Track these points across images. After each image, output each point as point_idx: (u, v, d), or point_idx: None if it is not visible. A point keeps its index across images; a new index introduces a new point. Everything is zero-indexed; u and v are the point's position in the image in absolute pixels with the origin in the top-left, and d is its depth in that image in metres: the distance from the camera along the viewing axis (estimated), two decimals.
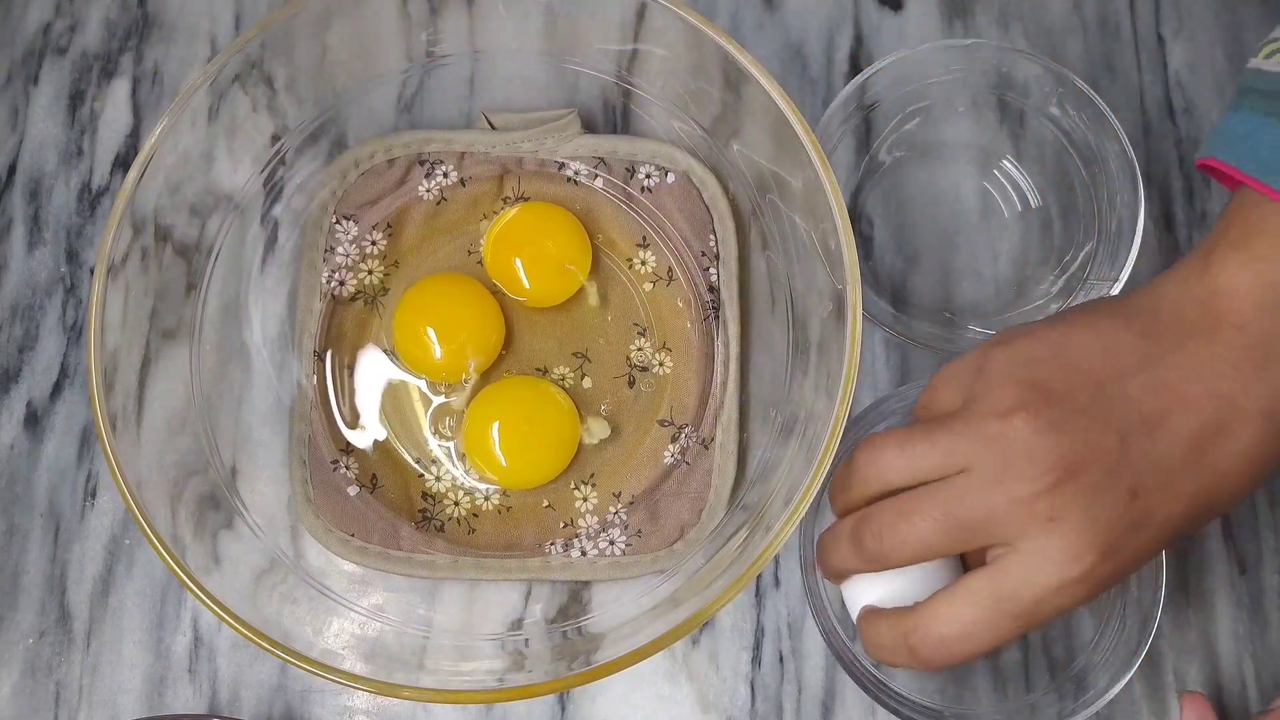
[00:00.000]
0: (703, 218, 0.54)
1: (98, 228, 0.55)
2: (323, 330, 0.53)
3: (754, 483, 0.50)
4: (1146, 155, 0.56)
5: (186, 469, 0.47)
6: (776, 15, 0.58)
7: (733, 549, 0.45)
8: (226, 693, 0.50)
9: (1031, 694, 0.49)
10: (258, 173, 0.51)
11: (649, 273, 0.54)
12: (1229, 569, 0.51)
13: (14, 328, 0.54)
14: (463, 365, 0.52)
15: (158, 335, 0.47)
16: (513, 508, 0.51)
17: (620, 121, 0.56)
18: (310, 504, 0.50)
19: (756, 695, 0.50)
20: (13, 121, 0.57)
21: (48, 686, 0.50)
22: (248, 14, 0.58)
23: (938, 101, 0.55)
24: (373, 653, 0.46)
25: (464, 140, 0.54)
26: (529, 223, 0.53)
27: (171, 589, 0.51)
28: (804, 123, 0.45)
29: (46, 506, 0.52)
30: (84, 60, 0.58)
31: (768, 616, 0.51)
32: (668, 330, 0.53)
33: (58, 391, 0.53)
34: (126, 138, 0.57)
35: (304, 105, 0.51)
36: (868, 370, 0.54)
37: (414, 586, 0.50)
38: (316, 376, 0.52)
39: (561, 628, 0.49)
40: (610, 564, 0.50)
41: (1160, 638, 0.50)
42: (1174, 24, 0.58)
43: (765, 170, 0.50)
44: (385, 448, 0.52)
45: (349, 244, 0.54)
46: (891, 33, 0.58)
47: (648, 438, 0.52)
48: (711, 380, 0.52)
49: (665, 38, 0.49)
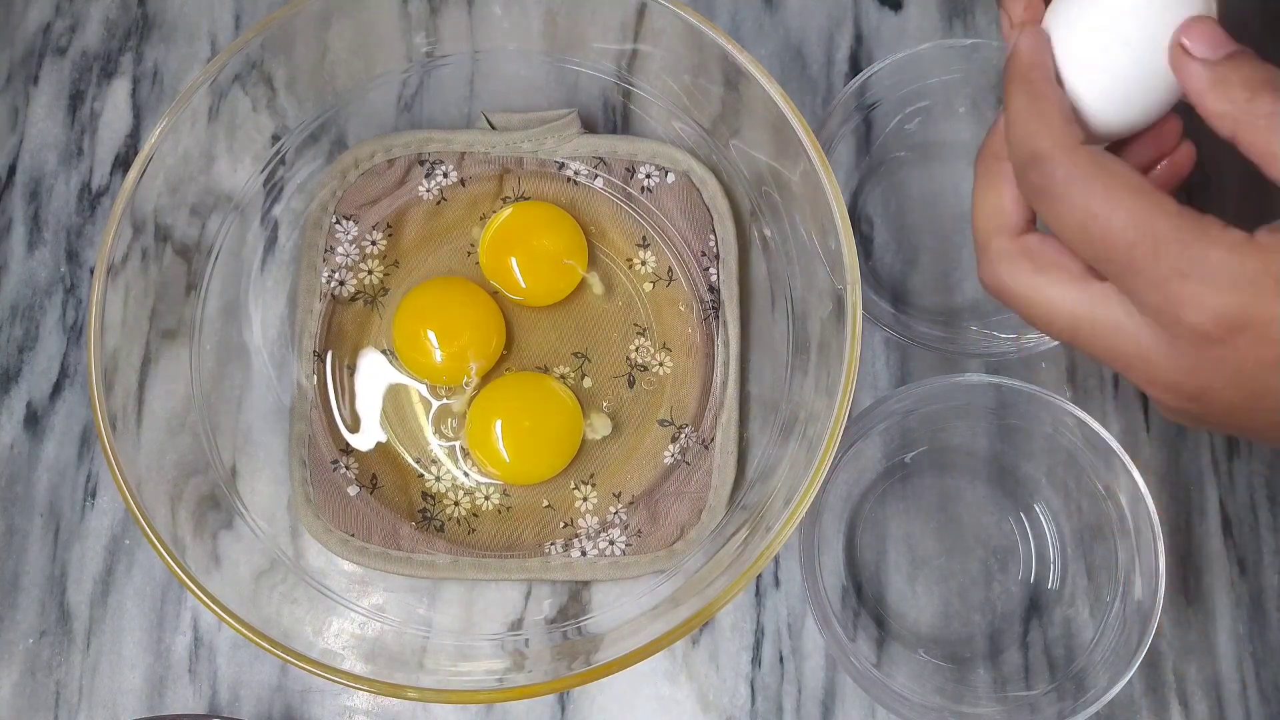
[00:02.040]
0: (703, 218, 0.54)
1: (98, 228, 0.55)
2: (323, 330, 0.53)
3: (754, 483, 0.50)
4: None
5: (186, 469, 0.47)
6: (776, 15, 0.58)
7: (733, 549, 0.45)
8: (226, 693, 0.50)
9: (1031, 694, 0.49)
10: (258, 173, 0.51)
11: (649, 273, 0.54)
12: (1229, 569, 0.51)
13: (14, 328, 0.54)
14: (464, 369, 0.52)
15: (158, 335, 0.47)
16: (513, 508, 0.51)
17: (620, 121, 0.56)
18: (310, 504, 0.50)
19: (756, 695, 0.50)
20: (13, 121, 0.57)
21: (48, 686, 0.50)
22: (248, 14, 0.58)
23: (938, 101, 0.55)
24: (373, 653, 0.46)
25: (464, 140, 0.54)
26: (522, 222, 0.53)
27: (171, 589, 0.51)
28: (804, 123, 0.45)
29: (46, 506, 0.52)
30: (84, 60, 0.58)
31: (768, 616, 0.51)
32: (668, 330, 0.53)
33: (58, 391, 0.53)
34: (126, 138, 0.57)
35: (304, 105, 0.51)
36: (868, 370, 0.54)
37: (414, 586, 0.50)
38: (316, 376, 0.52)
39: (561, 628, 0.49)
40: (610, 564, 0.50)
41: (1160, 638, 0.50)
42: None
43: (765, 170, 0.50)
44: (385, 448, 0.52)
45: (349, 244, 0.54)
46: (891, 33, 0.58)
47: (648, 438, 0.52)
48: (711, 380, 0.52)
49: (665, 38, 0.49)
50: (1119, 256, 0.31)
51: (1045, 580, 0.51)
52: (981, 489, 0.53)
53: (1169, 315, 0.30)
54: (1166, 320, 0.30)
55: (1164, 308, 0.30)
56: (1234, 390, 0.31)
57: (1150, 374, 0.32)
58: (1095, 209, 0.31)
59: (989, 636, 0.51)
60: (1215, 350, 0.30)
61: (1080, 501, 0.51)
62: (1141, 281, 0.30)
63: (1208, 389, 0.31)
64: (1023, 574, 0.52)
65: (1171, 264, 0.30)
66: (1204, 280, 0.29)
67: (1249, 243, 0.30)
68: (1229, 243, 0.30)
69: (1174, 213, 0.30)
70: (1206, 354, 0.30)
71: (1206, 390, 0.31)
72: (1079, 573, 0.51)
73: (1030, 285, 0.34)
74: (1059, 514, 0.52)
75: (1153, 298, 0.30)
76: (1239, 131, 0.31)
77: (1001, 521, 0.52)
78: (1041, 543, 0.52)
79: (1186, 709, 0.50)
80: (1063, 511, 0.52)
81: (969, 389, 0.49)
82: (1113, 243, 0.30)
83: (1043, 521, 0.52)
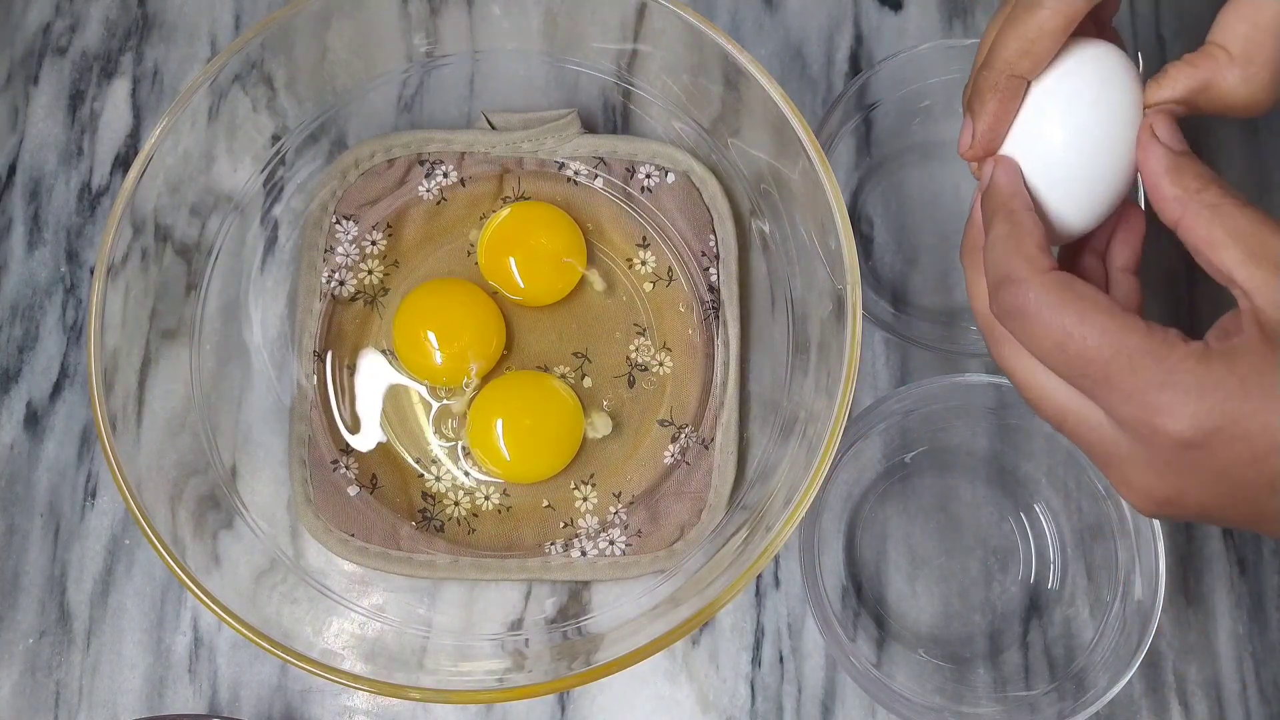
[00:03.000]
0: (703, 218, 0.54)
1: (98, 228, 0.55)
2: (323, 330, 0.53)
3: (754, 483, 0.50)
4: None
5: (186, 469, 0.47)
6: (776, 15, 0.58)
7: (733, 549, 0.45)
8: (226, 693, 0.50)
9: (1031, 694, 0.49)
10: (258, 173, 0.51)
11: (649, 273, 0.54)
12: (1229, 569, 0.51)
13: (14, 328, 0.54)
14: (464, 370, 0.52)
15: (158, 335, 0.47)
16: (513, 508, 0.51)
17: (620, 121, 0.56)
18: (310, 504, 0.50)
19: (756, 695, 0.50)
20: (13, 121, 0.57)
21: (48, 686, 0.50)
22: (248, 14, 0.58)
23: (938, 101, 0.54)
24: (373, 653, 0.46)
25: (464, 140, 0.54)
26: (519, 222, 0.53)
27: (171, 589, 0.51)
28: (804, 122, 0.45)
29: (46, 506, 0.52)
30: (84, 60, 0.58)
31: (768, 616, 0.51)
32: (668, 330, 0.53)
33: (58, 391, 0.53)
34: (126, 138, 0.57)
35: (304, 105, 0.51)
36: (868, 370, 0.54)
37: (414, 586, 0.50)
38: (316, 376, 0.52)
39: (561, 628, 0.49)
40: (610, 564, 0.50)
41: (1160, 638, 0.50)
42: (1174, 24, 0.58)
43: (765, 170, 0.50)
44: (385, 448, 0.52)
45: (349, 244, 0.54)
46: (891, 33, 0.58)
47: (648, 438, 0.52)
48: (711, 380, 0.52)
49: (665, 38, 0.49)
50: (1095, 372, 0.32)
51: (1045, 580, 0.51)
52: (981, 489, 0.53)
53: (1147, 425, 0.32)
54: (1144, 431, 0.32)
55: (1141, 417, 0.32)
56: (1209, 491, 0.33)
57: (1127, 478, 0.34)
58: (1070, 328, 0.33)
59: (989, 636, 0.51)
60: (1192, 455, 0.32)
61: (1080, 501, 0.51)
62: (1117, 395, 0.32)
63: (1184, 491, 0.33)
64: (1023, 574, 0.52)
65: (1147, 377, 0.32)
66: (1180, 389, 0.31)
67: (1209, 351, 0.32)
68: (1196, 354, 0.32)
69: (1144, 330, 0.33)
70: (1184, 459, 0.32)
71: (1183, 493, 0.33)
72: (1079, 573, 0.51)
73: (1027, 369, 0.36)
74: (1059, 514, 0.52)
75: (1130, 409, 0.32)
76: (1184, 217, 0.34)
77: (1001, 521, 0.52)
78: (1041, 543, 0.52)
79: (1186, 709, 0.50)
80: (1063, 511, 0.52)
81: (969, 389, 0.49)
82: (1089, 358, 0.32)
83: (1043, 521, 0.52)
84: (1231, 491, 0.32)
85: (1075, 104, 0.36)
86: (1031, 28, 0.35)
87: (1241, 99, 0.35)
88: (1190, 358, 0.32)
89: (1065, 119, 0.37)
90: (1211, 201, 0.33)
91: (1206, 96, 0.35)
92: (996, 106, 0.37)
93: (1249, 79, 0.34)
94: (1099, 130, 0.36)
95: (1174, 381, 0.31)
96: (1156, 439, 0.32)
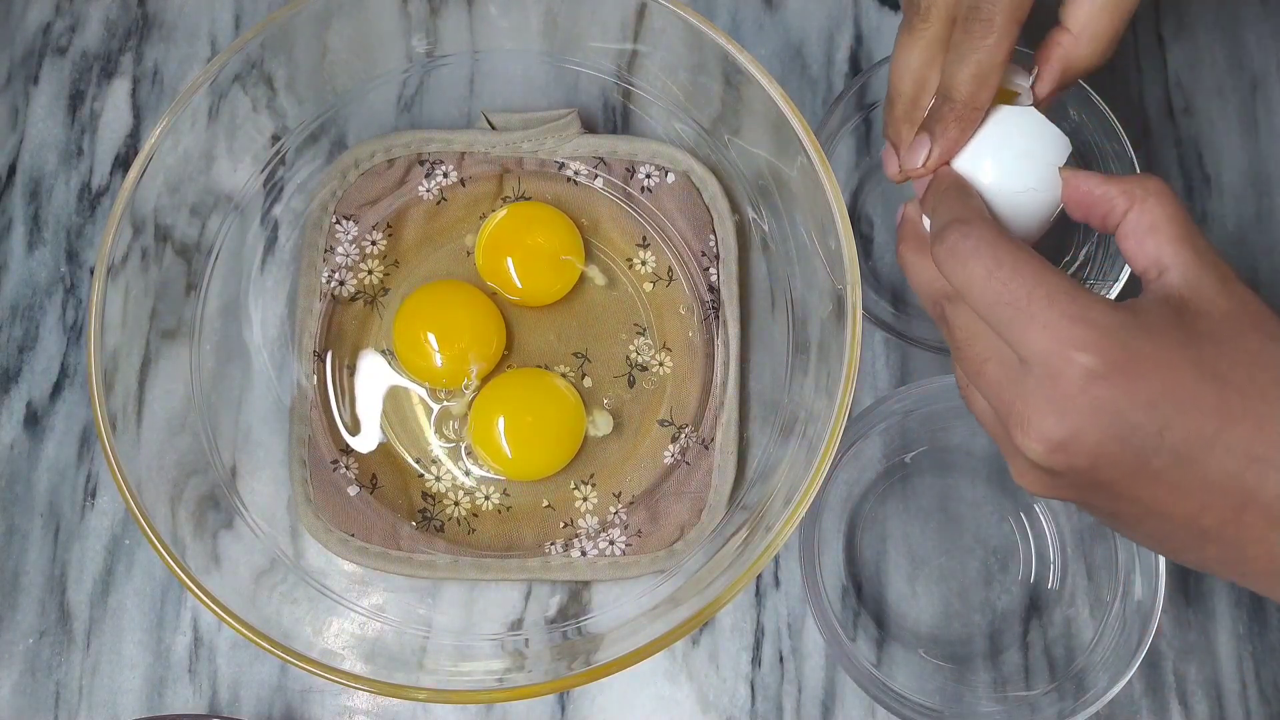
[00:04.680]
0: (703, 218, 0.54)
1: (98, 228, 0.55)
2: (323, 330, 0.53)
3: (754, 483, 0.50)
4: (1146, 155, 0.56)
5: (186, 469, 0.47)
6: (776, 15, 0.58)
7: (733, 549, 0.45)
8: (226, 693, 0.50)
9: (1031, 694, 0.49)
10: (258, 173, 0.51)
11: (649, 273, 0.54)
12: None
13: (14, 328, 0.54)
14: (464, 371, 0.52)
15: (158, 335, 0.47)
16: (513, 508, 0.51)
17: (620, 121, 0.56)
18: (310, 504, 0.50)
19: (756, 695, 0.50)
20: (13, 121, 0.57)
21: (48, 686, 0.50)
22: (248, 14, 0.58)
23: None
24: (373, 653, 0.46)
25: (464, 140, 0.54)
26: (516, 222, 0.53)
27: (171, 589, 0.51)
28: (804, 122, 0.45)
29: (46, 506, 0.52)
30: (84, 60, 0.58)
31: (768, 616, 0.51)
32: (668, 330, 0.53)
33: (58, 391, 0.53)
34: (126, 138, 0.57)
35: (304, 105, 0.51)
36: (868, 370, 0.54)
37: (414, 586, 0.50)
38: (316, 376, 0.52)
39: (561, 628, 0.49)
40: (610, 564, 0.50)
41: (1160, 638, 0.50)
42: (1173, 24, 0.58)
43: (765, 170, 0.50)
44: (385, 448, 0.52)
45: (349, 244, 0.54)
46: (891, 33, 0.57)
47: (648, 438, 0.52)
48: (711, 380, 0.52)
49: (665, 37, 0.49)
50: (1018, 299, 0.35)
51: (1045, 580, 0.51)
52: (981, 489, 0.53)
53: (1059, 355, 0.34)
54: (1055, 361, 0.34)
55: (1053, 348, 0.34)
56: (1104, 434, 0.34)
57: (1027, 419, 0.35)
58: (1003, 258, 0.36)
59: (989, 636, 0.51)
60: (1096, 389, 0.34)
61: None
62: (1035, 325, 0.35)
63: (1081, 433, 0.34)
64: (1023, 574, 0.52)
65: (1064, 309, 0.35)
66: (1092, 325, 0.34)
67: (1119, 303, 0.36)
68: (1103, 300, 0.35)
69: (1065, 277, 0.36)
70: (1088, 394, 0.34)
71: (1079, 435, 0.34)
72: (1079, 573, 0.51)
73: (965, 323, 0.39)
74: (1059, 514, 0.52)
75: (1044, 339, 0.35)
76: (1128, 215, 0.38)
77: (1001, 521, 0.52)
78: (1041, 543, 0.52)
79: (1186, 709, 0.50)
80: (1063, 511, 0.52)
81: None
82: (1016, 285, 0.35)
83: (1043, 521, 0.52)
84: (1123, 436, 0.34)
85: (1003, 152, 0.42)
86: (984, 61, 0.40)
87: (1090, 67, 0.42)
88: (1103, 302, 0.35)
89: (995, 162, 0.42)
90: (1139, 197, 0.38)
91: (1067, 75, 0.42)
92: (958, 134, 0.41)
93: (1094, 52, 0.42)
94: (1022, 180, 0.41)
95: (1088, 318, 0.34)
96: (1066, 370, 0.34)
